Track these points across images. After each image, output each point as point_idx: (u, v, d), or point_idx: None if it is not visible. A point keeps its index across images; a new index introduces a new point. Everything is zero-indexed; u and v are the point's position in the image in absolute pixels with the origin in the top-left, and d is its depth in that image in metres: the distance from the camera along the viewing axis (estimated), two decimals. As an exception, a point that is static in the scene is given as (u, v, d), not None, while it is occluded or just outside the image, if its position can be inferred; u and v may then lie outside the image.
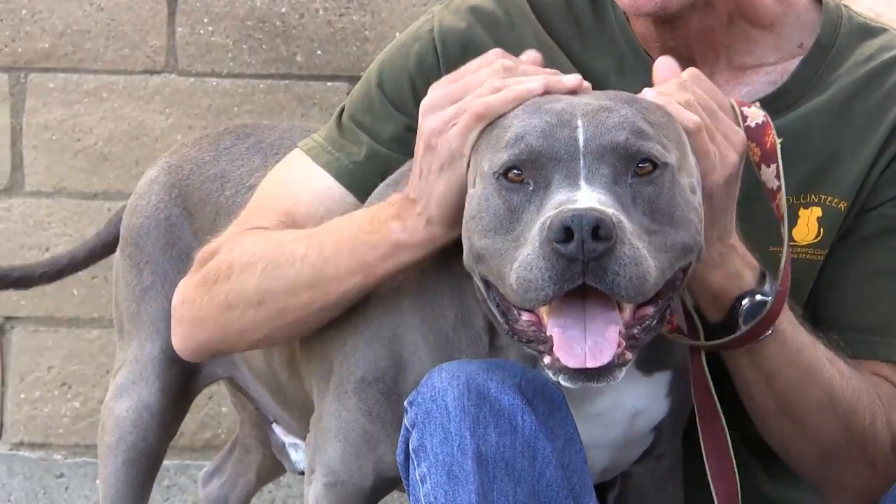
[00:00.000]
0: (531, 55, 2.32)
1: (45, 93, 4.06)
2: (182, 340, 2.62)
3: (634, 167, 2.17)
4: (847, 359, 2.44)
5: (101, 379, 3.94)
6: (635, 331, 2.16)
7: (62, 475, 4.14)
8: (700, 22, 2.49)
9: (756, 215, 2.34)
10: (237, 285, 2.49)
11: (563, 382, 2.15)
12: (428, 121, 2.27)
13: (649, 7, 2.43)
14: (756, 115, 2.33)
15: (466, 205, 2.24)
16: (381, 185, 2.55)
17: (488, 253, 2.19)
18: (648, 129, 2.18)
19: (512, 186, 2.17)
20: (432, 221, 2.30)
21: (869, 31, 2.59)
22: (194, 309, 2.56)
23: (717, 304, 2.33)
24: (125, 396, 2.96)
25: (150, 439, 2.96)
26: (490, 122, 2.24)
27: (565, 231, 2.06)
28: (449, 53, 2.57)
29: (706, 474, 2.52)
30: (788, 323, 2.33)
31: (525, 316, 2.19)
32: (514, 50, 2.50)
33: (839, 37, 2.56)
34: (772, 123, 2.32)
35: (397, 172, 2.54)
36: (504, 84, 2.24)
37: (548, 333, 2.15)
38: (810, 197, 2.49)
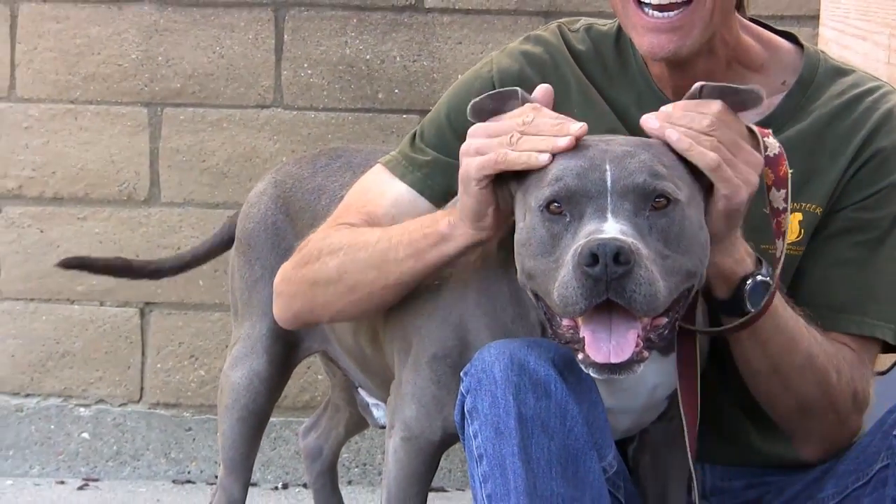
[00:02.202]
0: (543, 89, 2.29)
1: (176, 123, 4.08)
2: (280, 311, 2.63)
3: (651, 202, 2.17)
4: (819, 329, 2.44)
5: (222, 352, 3.96)
6: (651, 335, 2.17)
7: (190, 429, 4.16)
8: (705, 65, 2.48)
9: (753, 217, 2.33)
10: (323, 266, 2.50)
11: (592, 374, 2.16)
12: (466, 143, 2.27)
13: (663, 53, 2.42)
14: (773, 145, 2.30)
15: (517, 234, 2.25)
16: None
17: (536, 272, 2.20)
18: (663, 171, 2.18)
19: (553, 218, 2.17)
20: (463, 221, 2.31)
21: (841, 71, 2.57)
22: (290, 286, 2.58)
23: (726, 283, 2.31)
24: (239, 366, 2.95)
25: (259, 401, 2.96)
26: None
27: (592, 257, 2.07)
28: None
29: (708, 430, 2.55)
30: (779, 300, 2.34)
31: (565, 322, 2.19)
32: (558, 86, 2.49)
33: (817, 76, 2.55)
34: (785, 155, 2.30)
35: None
36: (522, 140, 2.21)
37: (581, 335, 2.16)
38: (793, 205, 2.48)
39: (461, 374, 2.28)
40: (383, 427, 2.98)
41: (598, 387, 2.29)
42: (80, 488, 4.10)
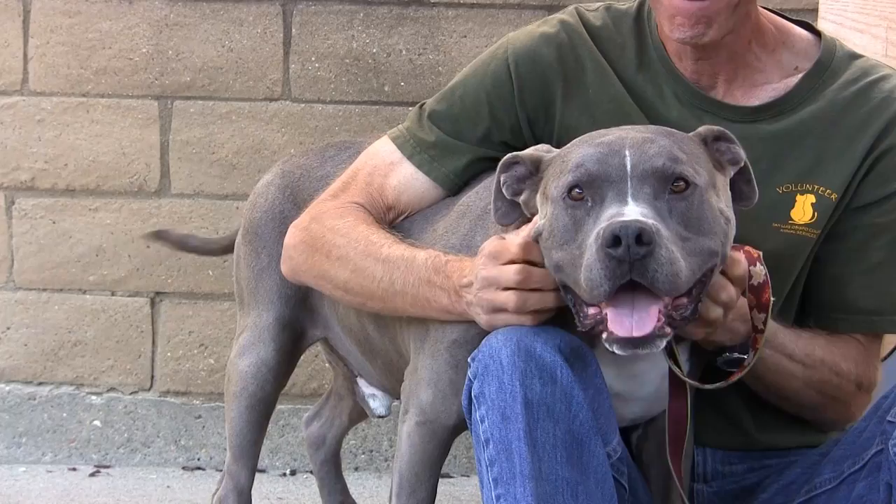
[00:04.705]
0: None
1: (186, 116, 4.07)
2: (287, 271, 2.69)
3: (671, 185, 2.18)
4: (824, 334, 2.52)
5: (231, 341, 3.89)
6: (673, 313, 2.17)
7: (200, 416, 4.15)
8: (730, 45, 2.49)
9: (763, 197, 2.35)
10: (332, 271, 2.55)
11: (616, 351, 2.16)
12: (487, 269, 2.29)
13: (689, 40, 2.44)
14: (759, 273, 2.34)
15: (539, 229, 2.26)
16: (475, 189, 2.57)
17: (563, 262, 2.20)
18: (682, 156, 2.20)
19: (574, 204, 2.20)
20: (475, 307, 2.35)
21: (855, 56, 2.59)
22: (298, 261, 2.64)
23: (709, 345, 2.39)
24: (246, 355, 2.93)
25: (266, 389, 2.94)
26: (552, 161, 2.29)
27: (615, 239, 2.09)
28: (520, 71, 2.57)
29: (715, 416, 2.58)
30: (772, 348, 2.41)
31: (591, 310, 2.19)
32: (574, 66, 2.55)
33: (834, 60, 2.56)
34: (770, 283, 2.35)
35: (482, 186, 2.56)
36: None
37: (604, 313, 2.16)
38: (805, 185, 2.49)
39: (468, 359, 2.29)
40: (381, 417, 2.98)
41: (608, 374, 2.30)
42: (92, 475, 4.10)
